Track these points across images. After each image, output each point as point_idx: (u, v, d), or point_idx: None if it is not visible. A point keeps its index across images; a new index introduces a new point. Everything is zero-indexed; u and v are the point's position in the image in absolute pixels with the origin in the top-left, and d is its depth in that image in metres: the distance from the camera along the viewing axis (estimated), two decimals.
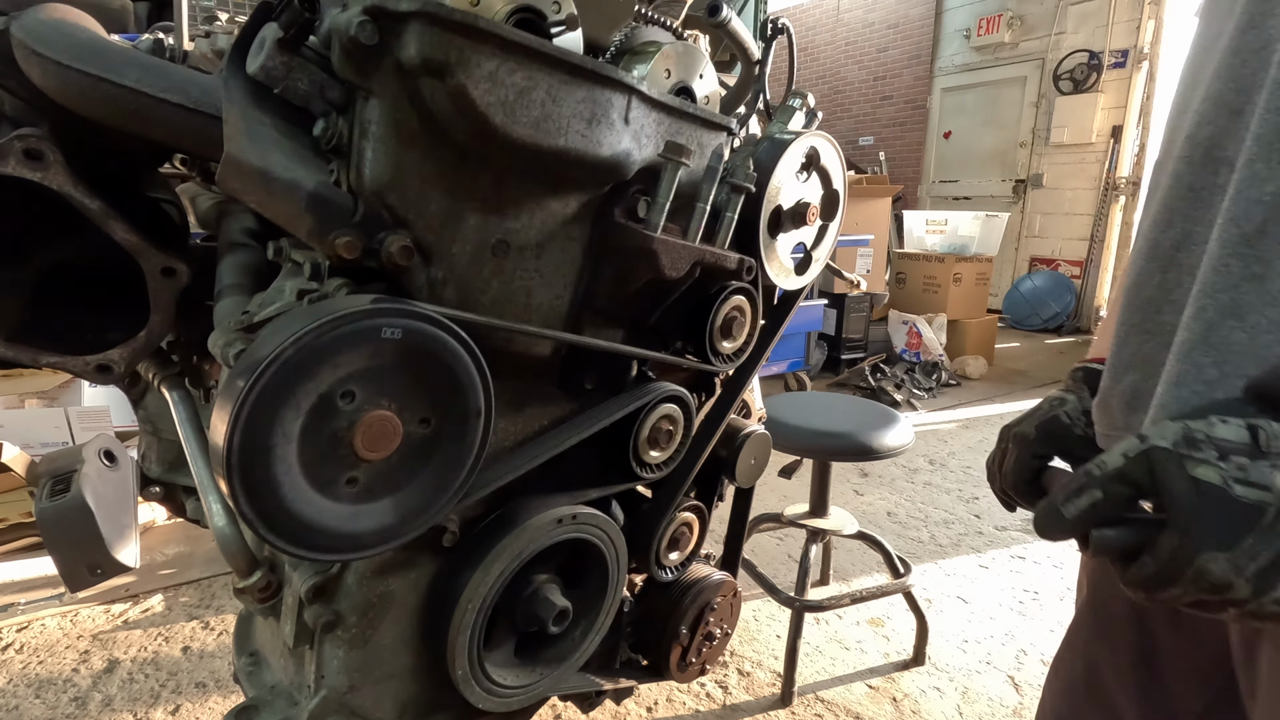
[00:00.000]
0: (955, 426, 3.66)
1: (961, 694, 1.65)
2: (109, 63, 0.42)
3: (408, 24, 0.36)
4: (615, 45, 0.50)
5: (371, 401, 0.38)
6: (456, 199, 0.42)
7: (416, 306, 0.38)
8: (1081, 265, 6.04)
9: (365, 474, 0.39)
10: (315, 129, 0.38)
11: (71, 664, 1.75)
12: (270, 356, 0.33)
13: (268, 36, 0.37)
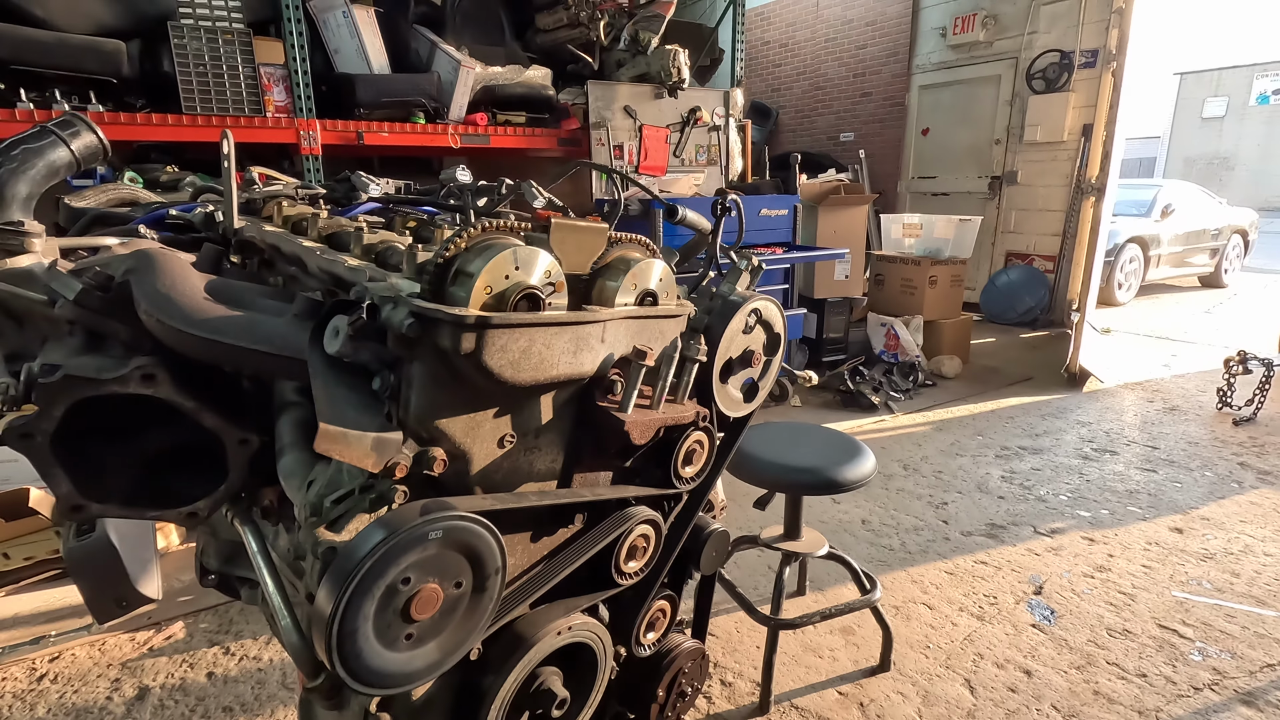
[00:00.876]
0: (929, 429, 3.84)
1: (922, 698, 1.83)
2: (215, 326, 0.55)
3: (441, 325, 0.50)
4: (592, 269, 0.64)
5: (421, 580, 0.52)
6: (475, 418, 0.56)
7: (450, 509, 0.52)
8: (1055, 260, 6.22)
9: (417, 629, 0.53)
10: (374, 383, 0.52)
11: (105, 692, 1.89)
12: (355, 571, 0.47)
13: (340, 328, 0.51)
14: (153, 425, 0.63)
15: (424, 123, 3.59)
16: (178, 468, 0.68)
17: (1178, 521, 2.76)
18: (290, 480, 0.63)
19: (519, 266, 0.53)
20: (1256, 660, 1.96)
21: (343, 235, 0.75)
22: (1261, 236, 9.50)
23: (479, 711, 0.62)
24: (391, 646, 0.51)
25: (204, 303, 0.57)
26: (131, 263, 0.59)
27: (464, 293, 0.51)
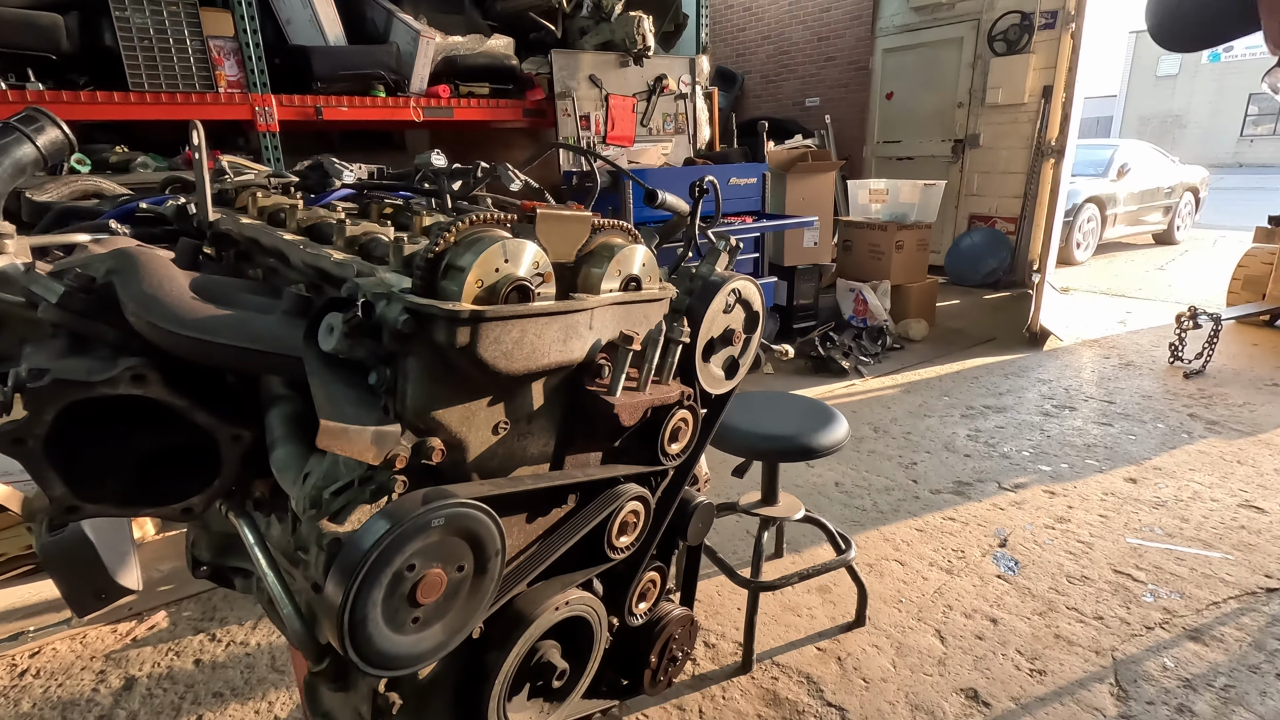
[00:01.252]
0: (898, 391, 3.94)
1: (896, 649, 1.92)
2: (207, 326, 0.55)
3: (436, 320, 0.51)
4: (576, 256, 0.65)
5: (426, 566, 0.54)
6: (469, 408, 0.58)
7: (450, 496, 0.54)
8: (1016, 222, 6.34)
9: (423, 612, 0.55)
10: (371, 378, 0.53)
11: (90, 684, 1.89)
12: (363, 561, 0.49)
13: (335, 325, 0.51)
14: (144, 423, 0.63)
15: (384, 96, 3.50)
16: (170, 464, 0.69)
17: (1132, 472, 2.89)
18: (285, 473, 0.63)
19: (508, 259, 0.54)
20: (1203, 599, 2.09)
21: (323, 227, 0.74)
22: (1211, 193, 9.78)
23: (483, 687, 0.64)
24: (399, 630, 0.53)
25: (192, 302, 0.57)
26: (113, 263, 0.59)
27: (456, 287, 0.52)
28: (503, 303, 0.53)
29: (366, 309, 0.49)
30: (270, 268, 0.77)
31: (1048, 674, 1.81)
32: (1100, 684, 1.78)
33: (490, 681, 0.64)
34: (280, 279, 0.76)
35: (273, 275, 0.77)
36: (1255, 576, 2.19)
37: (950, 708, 1.72)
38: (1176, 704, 1.70)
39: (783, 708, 1.73)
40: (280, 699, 1.81)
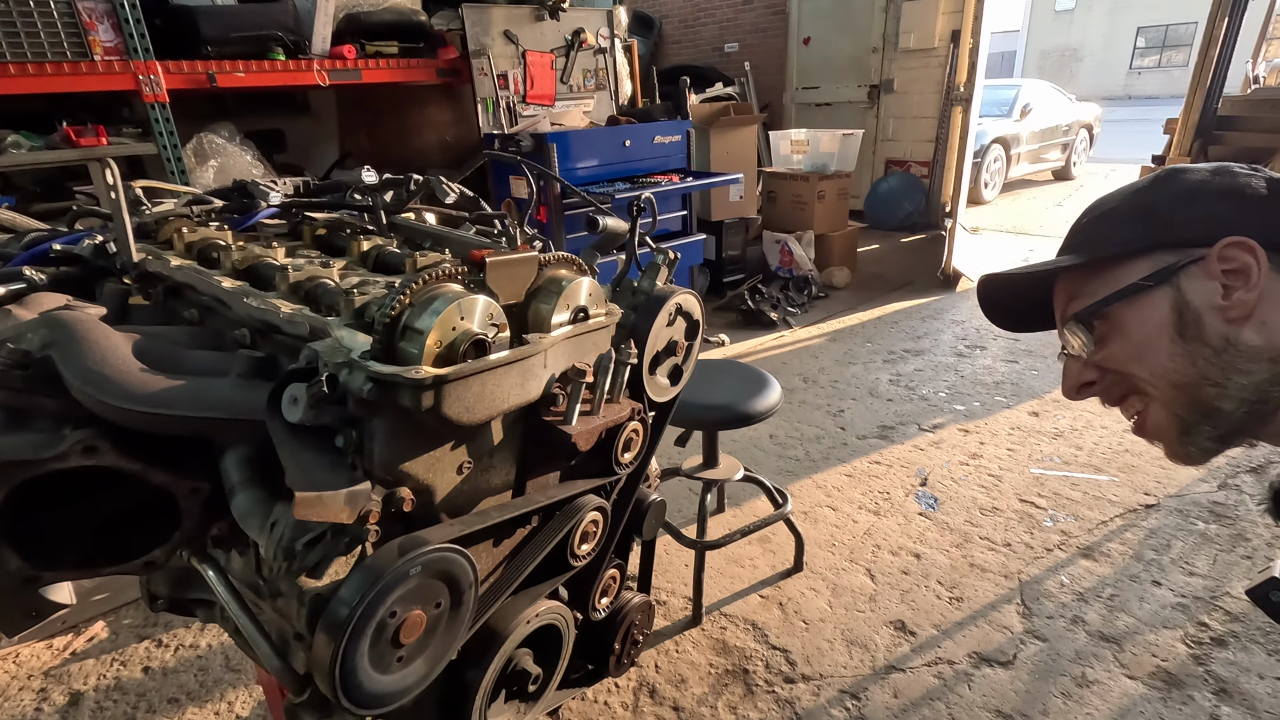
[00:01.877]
0: (824, 340, 4.11)
1: (832, 590, 2.08)
2: (161, 400, 0.54)
3: (398, 387, 0.53)
4: (525, 294, 0.67)
5: (406, 610, 0.57)
6: (434, 455, 0.60)
7: (424, 543, 0.57)
8: (929, 165, 6.58)
9: (406, 651, 0.59)
10: (338, 440, 0.55)
11: (32, 704, 1.83)
12: (349, 619, 0.52)
13: (298, 396, 0.52)
14: (97, 487, 0.63)
15: (284, 59, 3.27)
16: (126, 520, 0.68)
17: (1035, 406, 3.16)
18: (249, 520, 0.64)
19: (464, 316, 0.56)
20: (1094, 519, 2.34)
21: (263, 269, 0.73)
22: (1104, 126, 10.36)
23: (464, 703, 0.69)
24: (385, 671, 0.57)
25: (141, 375, 0.56)
26: (47, 334, 0.56)
27: (415, 349, 0.54)
28: (461, 359, 0.55)
29: (331, 382, 0.51)
30: (205, 305, 0.75)
31: (964, 600, 2.01)
32: (1009, 605, 1.99)
33: (471, 698, 0.69)
34: (217, 319, 0.74)
35: (209, 315, 0.75)
36: (1136, 495, 2.46)
37: (881, 639, 1.89)
38: (1071, 616, 1.93)
39: (732, 655, 1.87)
40: (240, 698, 1.82)
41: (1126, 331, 0.70)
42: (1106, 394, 0.77)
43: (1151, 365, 0.69)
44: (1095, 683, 1.72)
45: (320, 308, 0.67)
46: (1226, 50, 4.77)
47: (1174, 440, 0.72)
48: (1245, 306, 0.64)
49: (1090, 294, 0.72)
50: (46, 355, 0.56)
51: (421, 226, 0.95)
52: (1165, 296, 0.68)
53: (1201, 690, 1.68)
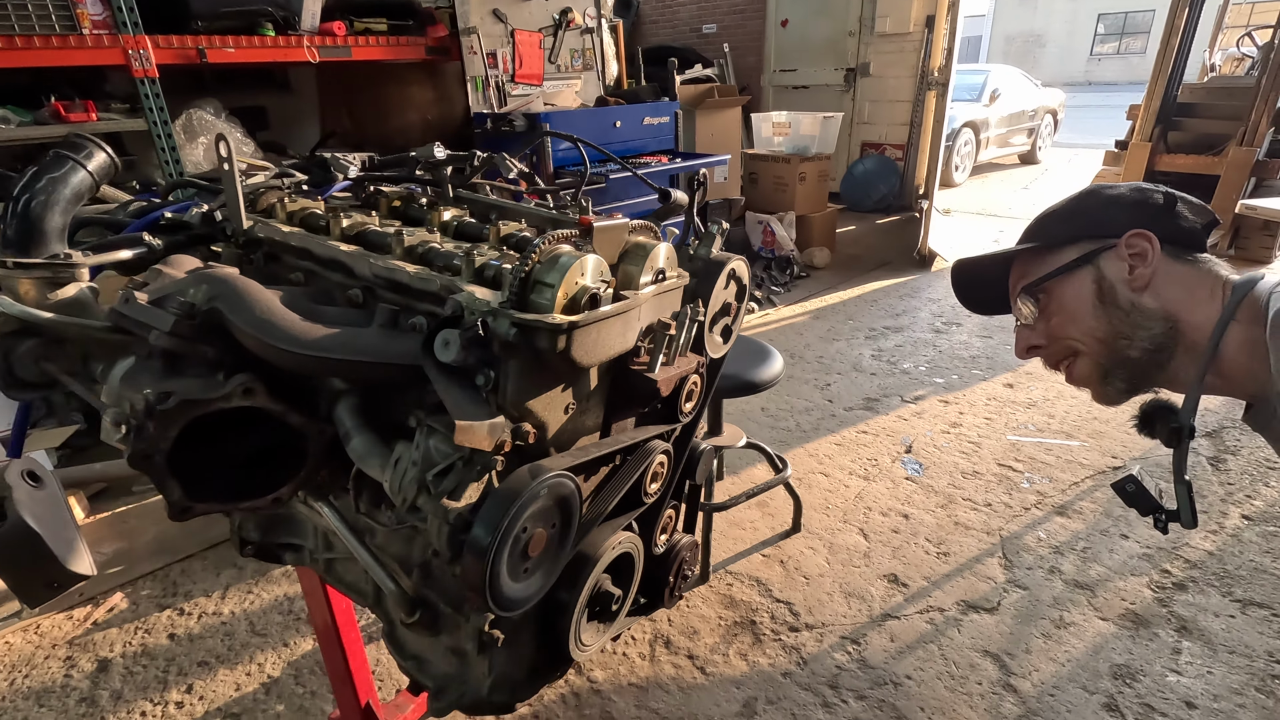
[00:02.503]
0: (808, 318, 4.24)
1: (829, 549, 2.21)
2: (323, 345, 0.62)
3: (539, 331, 0.61)
4: (617, 257, 0.76)
5: (534, 527, 0.66)
6: (550, 395, 0.68)
7: (547, 471, 0.66)
8: (904, 148, 6.74)
9: (531, 564, 0.68)
10: (478, 379, 0.63)
11: (60, 671, 1.88)
12: (493, 540, 0.61)
13: (450, 340, 0.60)
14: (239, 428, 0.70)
15: (274, 35, 3.24)
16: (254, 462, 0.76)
17: (1009, 378, 3.33)
18: (368, 459, 0.72)
19: (584, 273, 0.64)
20: (1067, 480, 2.52)
21: (373, 235, 0.80)
22: (1067, 112, 10.66)
23: (562, 619, 0.78)
24: (516, 580, 0.66)
25: (302, 323, 0.63)
26: (210, 289, 0.63)
27: (545, 301, 0.62)
28: (582, 310, 0.64)
29: (483, 326, 0.59)
30: (309, 270, 0.82)
31: (951, 554, 2.17)
32: (991, 558, 2.15)
33: (568, 614, 0.78)
34: (321, 279, 0.81)
35: (313, 278, 0.82)
36: (1104, 458, 2.64)
37: (876, 591, 2.03)
38: (1049, 566, 2.10)
39: (739, 608, 1.99)
40: (269, 659, 1.88)
41: (1062, 300, 0.94)
42: (1049, 357, 0.99)
43: (1081, 325, 0.92)
44: (1071, 624, 1.88)
45: (435, 268, 0.74)
46: (1187, 40, 4.99)
47: (1097, 384, 0.95)
48: (1144, 279, 0.89)
49: (1035, 273, 0.96)
50: (212, 307, 0.63)
51: (486, 199, 1.02)
52: (1089, 273, 0.92)
53: (1165, 628, 1.86)
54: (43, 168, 0.68)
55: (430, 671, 0.83)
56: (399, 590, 0.79)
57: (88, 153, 0.69)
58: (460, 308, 0.63)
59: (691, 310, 0.81)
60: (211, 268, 0.70)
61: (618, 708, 1.69)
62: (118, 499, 2.63)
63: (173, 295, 0.64)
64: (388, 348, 0.65)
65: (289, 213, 0.86)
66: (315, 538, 0.98)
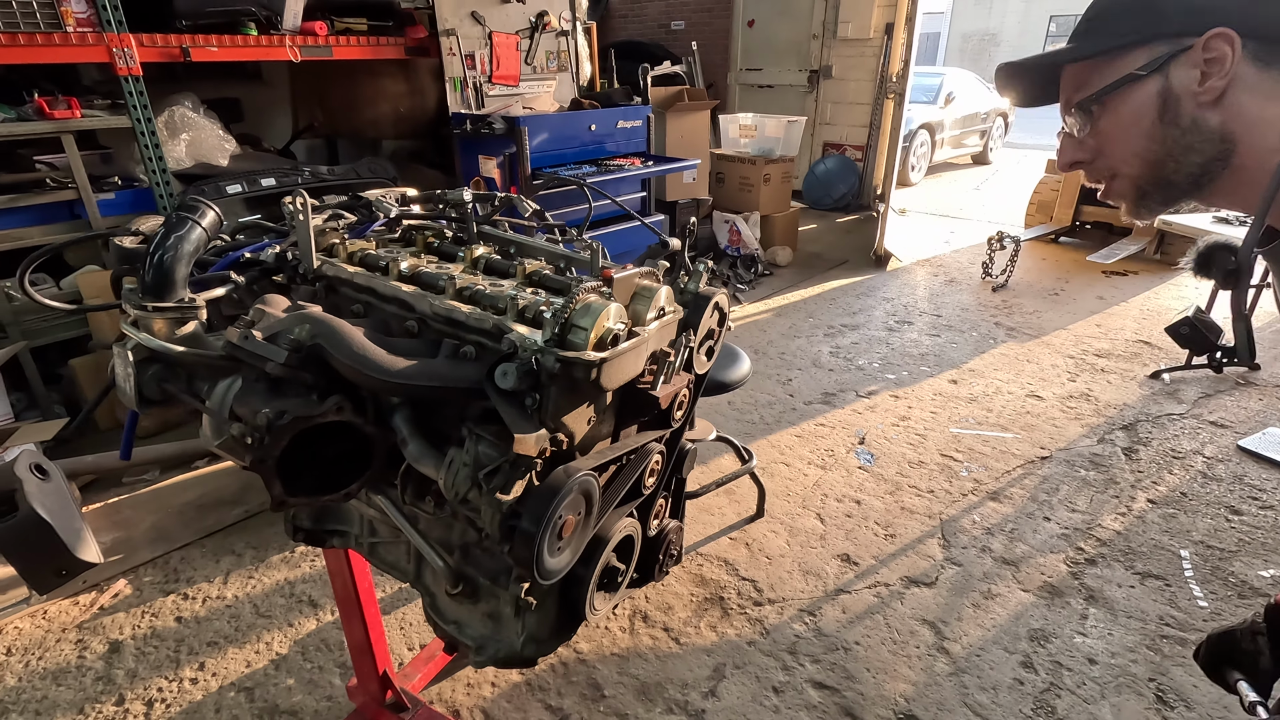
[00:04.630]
0: (771, 315, 4.48)
1: (789, 532, 2.45)
2: (407, 374, 0.78)
3: (578, 364, 0.79)
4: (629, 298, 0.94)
5: (567, 513, 0.85)
6: (578, 411, 0.87)
7: (577, 471, 0.84)
8: (863, 149, 7.03)
9: (563, 543, 0.87)
10: (526, 401, 0.81)
11: (73, 653, 1.99)
12: (539, 532, 0.79)
13: (509, 371, 0.78)
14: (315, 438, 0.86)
15: (256, 34, 3.29)
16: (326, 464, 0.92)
17: (954, 375, 3.62)
18: (423, 460, 0.90)
19: (609, 318, 0.83)
20: (1000, 469, 2.80)
21: (426, 277, 0.96)
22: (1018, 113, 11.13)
23: (580, 589, 0.97)
24: (554, 555, 0.85)
25: (387, 356, 0.79)
26: (314, 329, 0.79)
27: (580, 340, 0.80)
28: (610, 346, 0.82)
29: (535, 362, 0.77)
30: (367, 303, 0.98)
31: (897, 536, 2.42)
32: (932, 539, 2.41)
33: (585, 585, 0.97)
34: (379, 313, 0.97)
35: (371, 310, 0.98)
36: (1034, 449, 2.94)
37: (831, 569, 2.27)
38: (981, 545, 2.37)
39: (709, 586, 2.21)
40: (276, 639, 2.03)
41: (1119, 115, 0.79)
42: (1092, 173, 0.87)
43: (1132, 145, 0.79)
44: (998, 595, 2.15)
45: (482, 306, 0.91)
46: None
47: (1131, 203, 0.85)
48: (1214, 92, 0.73)
49: (1093, 84, 0.80)
50: (315, 343, 0.79)
51: (505, 235, 1.18)
52: (1155, 84, 0.76)
53: (1076, 598, 2.14)
54: (170, 228, 0.83)
55: (469, 633, 1.01)
56: (446, 566, 0.97)
57: (201, 213, 0.84)
58: (514, 346, 0.81)
59: (685, 338, 1.00)
60: (303, 308, 0.86)
61: (602, 674, 1.89)
62: (107, 490, 2.71)
63: (282, 333, 0.80)
64: (455, 374, 0.83)
65: (349, 253, 1.02)
66: (361, 525, 1.15)
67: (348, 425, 0.86)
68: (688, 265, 1.12)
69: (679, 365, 1.00)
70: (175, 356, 0.82)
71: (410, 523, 1.00)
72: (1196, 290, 4.78)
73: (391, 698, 1.59)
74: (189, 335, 0.84)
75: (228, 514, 2.55)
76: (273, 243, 1.00)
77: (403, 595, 2.18)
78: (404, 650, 1.99)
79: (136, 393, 0.83)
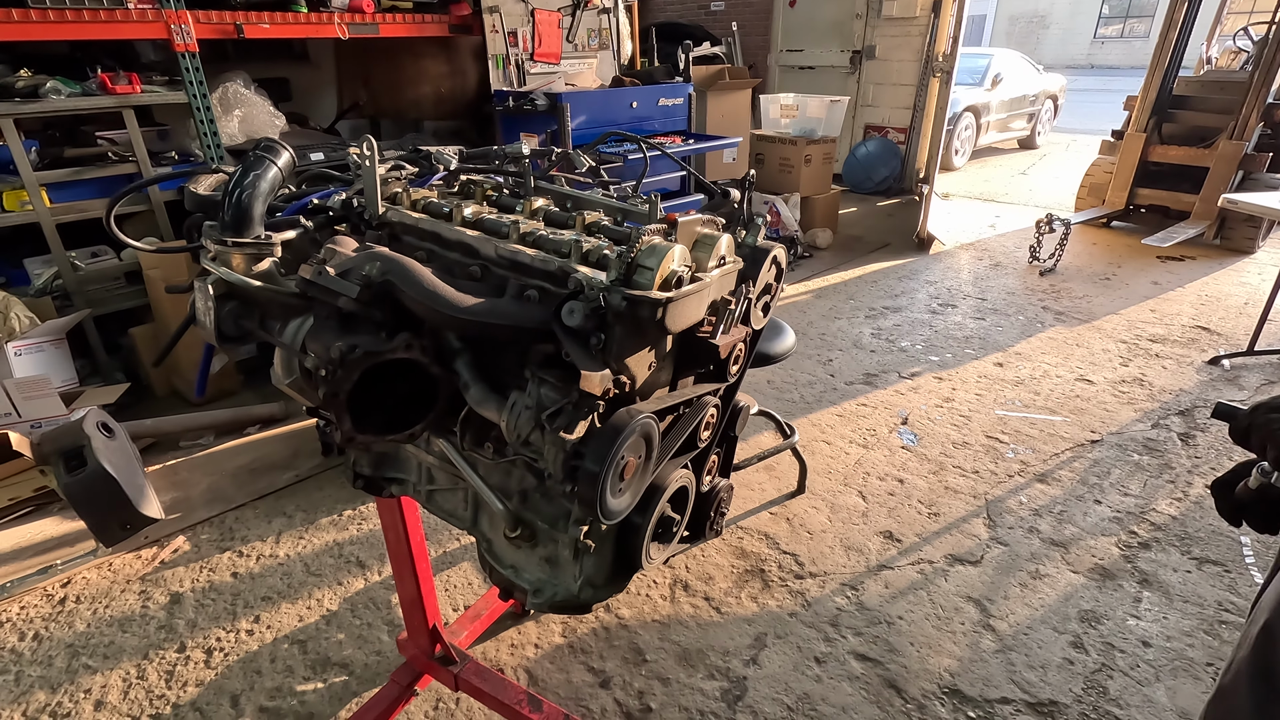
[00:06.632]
0: (811, 297, 4.43)
1: (830, 508, 2.43)
2: (477, 311, 0.79)
3: (644, 303, 0.79)
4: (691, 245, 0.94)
5: (629, 455, 0.85)
6: (640, 355, 0.87)
7: (640, 413, 0.84)
8: (905, 132, 6.87)
9: (625, 485, 0.87)
10: (591, 340, 0.81)
11: (138, 602, 2.08)
12: (603, 470, 0.79)
13: (576, 309, 0.78)
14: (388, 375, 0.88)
15: (306, 11, 3.35)
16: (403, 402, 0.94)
17: (999, 358, 3.54)
18: (485, 404, 0.91)
19: (674, 259, 0.83)
20: (1048, 452, 2.74)
21: (490, 223, 0.97)
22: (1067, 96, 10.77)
23: (636, 536, 0.98)
24: (615, 496, 0.85)
25: (458, 294, 0.81)
26: (383, 265, 0.81)
27: (646, 281, 0.80)
28: (675, 287, 0.82)
29: (603, 299, 0.77)
30: (429, 250, 1.00)
31: (940, 515, 2.39)
32: (977, 518, 2.37)
33: (642, 532, 0.98)
34: (442, 259, 0.99)
35: (434, 256, 1.00)
36: (1084, 433, 2.86)
37: (873, 545, 2.25)
38: (1028, 526, 2.32)
39: (749, 559, 2.21)
40: (326, 596, 2.09)
41: None
42: None
43: None
44: (1046, 576, 2.11)
45: (545, 250, 0.92)
46: (1185, 33, 5.12)
47: None
48: None
49: None
50: (386, 279, 0.81)
51: (562, 190, 1.19)
52: None
53: (1129, 580, 2.08)
54: (248, 166, 0.85)
55: (526, 578, 1.03)
56: (505, 510, 0.99)
57: (278, 153, 0.86)
58: (581, 285, 0.81)
59: (745, 289, 1.00)
60: (372, 248, 0.88)
61: (643, 640, 1.91)
62: (165, 453, 2.81)
63: (353, 269, 0.81)
64: (524, 314, 0.83)
65: (413, 200, 1.03)
66: (419, 472, 1.17)
67: (413, 365, 0.88)
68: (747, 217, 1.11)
69: (738, 316, 0.99)
70: (253, 291, 0.84)
71: (470, 468, 1.01)
72: (1260, 277, 4.58)
73: (440, 651, 1.62)
74: (265, 272, 0.86)
75: (279, 478, 2.63)
76: (338, 190, 1.02)
77: (446, 558, 2.23)
78: (449, 611, 2.04)
79: (215, 328, 0.86)
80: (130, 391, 3.05)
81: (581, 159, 1.20)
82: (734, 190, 1.10)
